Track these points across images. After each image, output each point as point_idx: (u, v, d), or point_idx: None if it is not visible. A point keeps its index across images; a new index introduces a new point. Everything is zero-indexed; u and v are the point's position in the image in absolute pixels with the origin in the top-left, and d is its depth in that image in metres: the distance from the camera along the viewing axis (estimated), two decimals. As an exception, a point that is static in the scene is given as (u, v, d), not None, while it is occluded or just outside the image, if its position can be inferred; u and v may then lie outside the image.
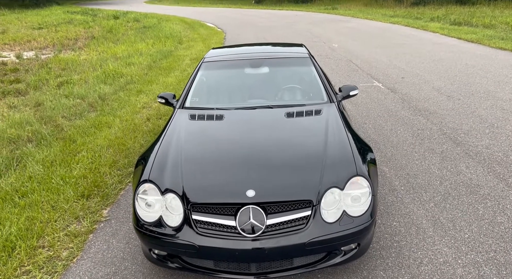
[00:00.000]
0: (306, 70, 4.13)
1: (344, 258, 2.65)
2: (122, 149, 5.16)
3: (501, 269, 2.81)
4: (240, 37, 15.56)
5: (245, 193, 2.55)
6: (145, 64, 10.75)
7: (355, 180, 2.67)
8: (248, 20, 23.33)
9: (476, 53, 10.50)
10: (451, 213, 3.50)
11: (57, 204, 3.92)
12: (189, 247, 2.52)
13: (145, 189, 2.74)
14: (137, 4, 44.82)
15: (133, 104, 7.19)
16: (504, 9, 19.70)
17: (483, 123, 5.52)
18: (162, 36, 16.00)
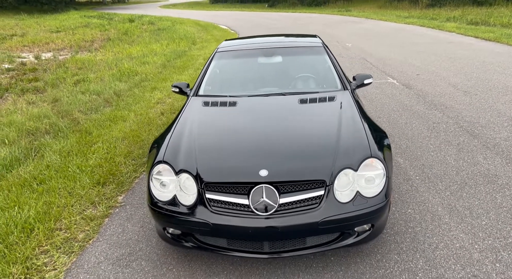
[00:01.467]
0: (319, 59, 4.12)
1: (357, 239, 2.63)
2: (136, 141, 5.22)
3: (520, 254, 2.75)
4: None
5: (258, 173, 2.55)
6: (159, 63, 10.87)
7: (369, 161, 2.65)
8: (261, 22, 23.42)
9: (494, 50, 10.34)
10: (467, 201, 3.44)
11: (74, 190, 3.98)
12: (203, 225, 2.53)
13: (159, 169, 2.77)
14: (152, 9, 45.40)
15: (148, 100, 7.27)
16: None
17: (501, 117, 5.43)
18: (176, 37, 16.18)
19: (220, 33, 18.32)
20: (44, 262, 2.98)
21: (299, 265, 2.80)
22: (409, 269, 2.68)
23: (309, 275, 2.70)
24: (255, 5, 42.21)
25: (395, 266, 2.72)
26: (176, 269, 2.86)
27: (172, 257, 2.98)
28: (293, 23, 22.01)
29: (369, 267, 2.73)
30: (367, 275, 2.66)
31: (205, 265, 2.88)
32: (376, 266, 2.74)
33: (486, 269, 2.63)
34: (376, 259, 2.81)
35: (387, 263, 2.76)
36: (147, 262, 2.95)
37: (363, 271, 2.70)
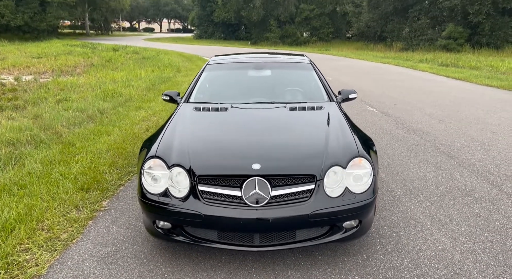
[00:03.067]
0: (307, 74, 4.31)
1: (345, 235, 2.69)
2: (121, 152, 5.20)
3: (498, 256, 2.86)
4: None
5: (251, 166, 2.63)
6: (144, 87, 10.97)
7: (357, 160, 2.77)
8: (245, 56, 24.01)
9: (465, 88, 10.94)
10: (447, 210, 3.57)
11: (56, 195, 3.91)
12: (195, 216, 2.55)
13: (151, 164, 2.80)
14: (136, 41, 45.97)
15: (132, 117, 7.29)
16: (488, 56, 20.65)
17: (474, 142, 5.71)
18: (161, 65, 16.40)
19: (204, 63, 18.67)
20: (25, 259, 2.89)
21: (288, 263, 2.82)
22: (394, 267, 2.75)
23: (298, 271, 2.72)
24: (239, 42, 43.45)
25: (381, 264, 2.78)
26: (164, 266, 2.82)
27: (159, 255, 2.95)
28: (274, 58, 22.69)
29: (356, 265, 2.78)
30: (354, 272, 2.70)
31: (192, 262, 2.86)
32: (363, 264, 2.79)
33: (467, 268, 2.72)
34: (362, 259, 2.86)
35: (373, 262, 2.82)
36: (133, 260, 2.90)
37: (350, 268, 2.74)
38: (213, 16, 49.10)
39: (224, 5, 43.56)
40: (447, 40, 24.22)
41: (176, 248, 3.04)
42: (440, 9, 25.76)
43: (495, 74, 13.31)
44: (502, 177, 4.35)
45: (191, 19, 61.42)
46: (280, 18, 37.28)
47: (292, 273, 2.72)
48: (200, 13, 53.79)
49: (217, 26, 51.25)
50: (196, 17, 55.66)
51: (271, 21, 37.74)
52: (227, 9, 43.95)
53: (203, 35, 53.40)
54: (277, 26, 37.99)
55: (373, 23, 29.77)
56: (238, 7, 41.14)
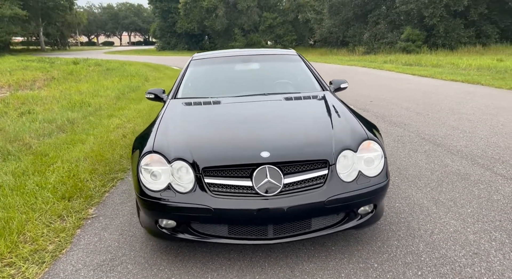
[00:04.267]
0: (296, 66, 4.22)
1: (361, 221, 2.58)
2: (100, 160, 4.89)
3: (511, 234, 2.83)
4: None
5: (260, 154, 2.47)
6: (113, 96, 10.56)
7: (366, 144, 2.67)
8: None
9: (432, 84, 11.27)
10: (448, 194, 3.55)
11: (35, 205, 3.58)
12: (203, 211, 2.36)
13: (149, 160, 2.59)
14: (97, 54, 44.76)
15: (106, 125, 6.94)
16: (445, 56, 21.53)
17: (455, 130, 5.81)
18: (127, 75, 15.94)
19: (173, 72, 18.36)
20: (10, 274, 2.59)
21: (301, 256, 2.67)
22: (411, 252, 2.65)
23: (313, 263, 2.58)
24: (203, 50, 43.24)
25: (397, 250, 2.68)
26: (169, 269, 2.60)
27: (162, 258, 2.72)
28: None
29: (372, 253, 2.66)
30: (372, 260, 2.58)
31: (200, 263, 2.65)
32: (379, 251, 2.68)
33: (484, 247, 2.67)
34: (377, 246, 2.75)
35: (389, 248, 2.71)
36: (133, 265, 2.65)
37: (367, 256, 2.63)
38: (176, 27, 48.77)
39: (187, 16, 43.35)
40: (406, 43, 25.11)
41: (179, 250, 2.82)
42: (397, 13, 26.74)
43: (457, 71, 13.84)
44: (491, 160, 4.40)
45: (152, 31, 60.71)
46: (244, 27, 37.51)
47: (307, 265, 2.57)
48: (162, 24, 53.31)
49: (180, 37, 50.92)
50: (158, 28, 55.10)
51: (235, 30, 37.88)
52: (190, 20, 43.76)
53: (166, 47, 52.86)
54: (241, 35, 38.18)
55: (335, 29, 30.50)
56: (201, 17, 41.04)
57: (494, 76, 11.54)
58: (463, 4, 23.59)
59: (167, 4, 51.25)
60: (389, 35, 26.83)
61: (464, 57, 18.00)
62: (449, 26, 24.76)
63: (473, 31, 25.34)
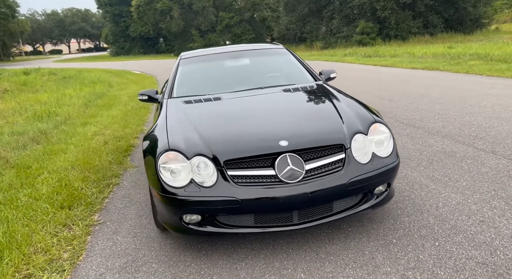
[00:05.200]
0: (285, 59, 4.31)
1: (377, 201, 2.71)
2: (89, 167, 4.76)
3: (507, 200, 3.07)
4: (171, 79, 15.61)
5: (278, 143, 2.54)
6: (80, 104, 10.22)
7: (374, 126, 2.81)
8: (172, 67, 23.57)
9: (395, 72, 11.78)
10: (441, 171, 3.77)
11: (35, 217, 3.45)
12: (231, 203, 2.40)
13: (166, 158, 2.58)
14: (46, 64, 42.67)
15: (83, 134, 6.73)
16: (398, 46, 22.47)
17: (430, 113, 6.14)
18: (88, 82, 15.44)
19: (136, 77, 17.99)
20: (32, 285, 2.50)
21: (322, 239, 2.77)
22: (424, 225, 2.82)
23: (335, 245, 2.68)
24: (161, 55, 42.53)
25: (410, 225, 2.84)
26: (195, 264, 2.62)
27: (184, 255, 2.74)
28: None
29: (388, 230, 2.80)
30: (390, 236, 2.72)
31: (225, 255, 2.69)
32: (394, 228, 2.83)
33: (488, 215, 2.88)
34: (390, 223, 2.90)
35: (402, 224, 2.87)
36: (158, 264, 2.65)
37: (384, 234, 2.76)
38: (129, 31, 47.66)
39: (140, 19, 42.45)
40: (361, 36, 25.97)
41: (199, 245, 2.84)
42: (350, 8, 27.58)
43: (414, 59, 14.51)
44: (470, 137, 4.71)
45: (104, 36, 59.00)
46: (201, 27, 37.26)
47: (330, 247, 2.67)
48: (114, 29, 51.90)
49: (134, 41, 49.81)
50: (110, 33, 53.60)
51: (192, 31, 37.57)
52: (144, 23, 42.90)
53: (120, 52, 51.51)
54: (199, 35, 37.91)
55: (292, 25, 31.01)
56: (155, 19, 40.32)
57: (449, 62, 12.23)
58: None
59: (118, 8, 49.97)
60: (344, 29, 27.63)
61: (418, 46, 18.89)
62: (400, 18, 25.85)
63: (421, 22, 26.59)
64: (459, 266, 2.33)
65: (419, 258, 2.44)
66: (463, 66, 11.09)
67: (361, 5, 26.18)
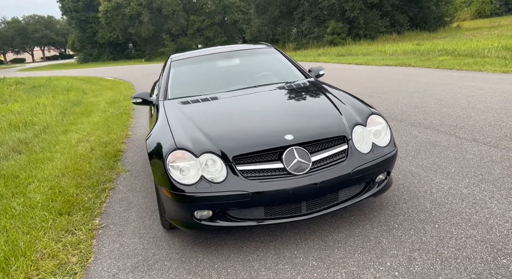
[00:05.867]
0: (275, 58, 4.42)
1: (379, 188, 2.85)
2: (80, 173, 4.71)
3: (495, 183, 3.28)
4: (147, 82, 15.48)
5: (284, 137, 2.64)
6: (57, 112, 9.99)
7: (372, 118, 2.95)
8: (146, 71, 23.36)
9: (370, 70, 12.13)
10: (429, 160, 3.97)
11: (35, 225, 3.41)
12: (242, 197, 2.48)
13: (174, 157, 2.64)
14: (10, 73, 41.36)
15: (66, 141, 6.62)
16: (368, 45, 23.06)
17: (409, 106, 6.39)
18: (60, 90, 15.07)
19: (109, 83, 17.70)
20: (45, 290, 2.49)
21: (327, 229, 2.88)
22: (422, 210, 2.98)
23: (341, 233, 2.80)
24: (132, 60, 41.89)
25: (409, 210, 2.99)
26: (207, 259, 2.68)
27: (195, 251, 2.79)
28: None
29: (388, 216, 2.95)
30: (391, 222, 2.86)
31: (235, 248, 2.76)
32: (394, 214, 2.97)
33: (479, 197, 3.07)
34: (390, 210, 3.04)
35: (401, 210, 3.02)
36: (170, 262, 2.69)
37: (385, 220, 2.90)
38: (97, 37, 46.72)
39: (109, 25, 41.71)
40: (332, 36, 26.51)
41: (208, 241, 2.90)
42: (320, 9, 28.10)
43: (386, 56, 14.98)
44: (451, 127, 4.96)
45: (70, 43, 57.52)
46: (172, 31, 36.97)
47: (337, 235, 2.78)
48: (81, 35, 50.74)
49: (103, 47, 48.86)
50: (77, 40, 52.36)
51: (163, 35, 37.22)
52: (112, 28, 42.18)
53: (88, 59, 50.38)
54: (170, 40, 37.60)
55: (264, 27, 31.30)
56: (124, 25, 39.70)
57: (420, 58, 12.70)
58: (378, -4, 25.45)
59: (85, 14, 48.91)
60: (315, 30, 28.13)
61: (388, 45, 19.44)
62: (368, 17, 26.56)
63: (388, 21, 27.41)
64: (460, 244, 2.48)
65: (422, 240, 2.59)
66: (434, 61, 11.55)
67: (331, 6, 26.73)
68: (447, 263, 2.32)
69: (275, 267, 2.52)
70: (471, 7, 42.22)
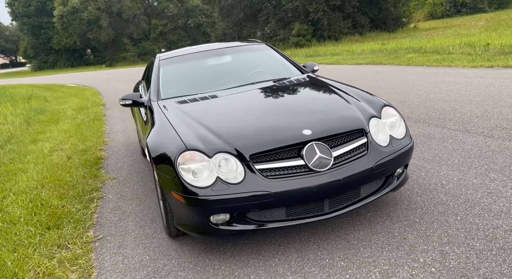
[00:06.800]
0: (268, 54, 4.26)
1: (398, 182, 2.76)
2: (61, 184, 4.34)
3: (503, 171, 3.28)
4: (114, 87, 14.92)
5: (302, 133, 2.49)
6: (21, 121, 9.34)
7: (385, 110, 2.87)
8: (109, 77, 22.62)
9: (342, 69, 12.26)
10: (430, 152, 3.94)
11: (21, 241, 3.07)
12: (263, 197, 2.31)
13: (186, 158, 2.43)
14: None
15: (37, 151, 6.15)
16: (333, 46, 23.42)
17: (392, 102, 6.36)
18: (19, 99, 14.20)
19: (72, 90, 16.93)
20: (48, 315, 2.20)
21: (347, 227, 2.75)
22: (439, 202, 2.91)
23: (362, 231, 2.68)
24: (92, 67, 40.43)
25: (426, 204, 2.92)
26: (225, 266, 2.48)
27: (209, 258, 2.59)
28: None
29: (406, 211, 2.86)
30: (411, 217, 2.78)
31: (253, 253, 2.58)
32: (411, 208, 2.89)
33: (492, 186, 3.04)
34: (405, 204, 2.96)
35: (417, 204, 2.94)
36: (185, 272, 2.48)
37: (404, 215, 2.81)
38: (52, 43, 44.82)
39: (65, 30, 40.08)
40: (297, 38, 26.75)
41: (221, 247, 2.71)
42: (284, 11, 28.30)
43: (355, 56, 15.23)
44: (440, 120, 5.00)
45: (22, 50, 54.87)
46: (134, 36, 36.03)
47: (358, 233, 2.66)
48: (34, 42, 48.48)
49: (59, 54, 46.91)
50: (29, 47, 49.96)
51: (124, 40, 36.18)
52: (69, 34, 40.59)
53: (43, 66, 48.19)
54: (132, 44, 36.62)
55: (229, 30, 31.12)
56: (82, 30, 38.29)
57: (389, 56, 12.98)
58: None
59: (37, 19, 46.75)
60: (281, 32, 28.30)
61: (354, 45, 19.83)
62: (331, 19, 27.03)
63: (350, 22, 28.03)
64: (490, 236, 2.42)
65: (448, 233, 2.51)
66: (403, 59, 11.83)
67: (295, 8, 26.97)
68: (483, 256, 2.24)
69: (301, 270, 2.36)
70: (423, 9, 44.17)
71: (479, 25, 23.22)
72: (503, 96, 5.82)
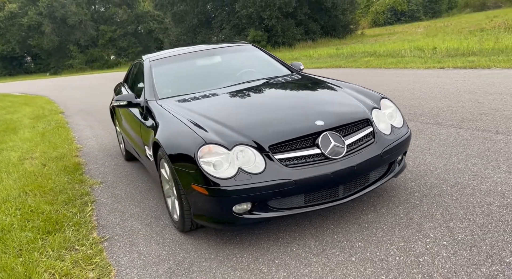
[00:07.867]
0: (256, 54, 4.39)
1: (400, 167, 2.98)
2: (46, 190, 4.18)
3: (482, 155, 3.61)
4: (67, 95, 14.34)
5: (315, 123, 2.64)
6: (-26, 131, 8.76)
7: (383, 102, 3.09)
8: (57, 85, 21.68)
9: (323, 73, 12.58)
10: (416, 144, 4.22)
11: (24, 247, 2.96)
12: (285, 185, 2.42)
13: (206, 152, 2.49)
14: None
15: (4, 160, 5.83)
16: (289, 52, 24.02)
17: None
18: (-36, 109, 13.26)
19: (21, 99, 16.03)
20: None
21: (354, 213, 2.92)
22: (432, 186, 3.17)
23: (369, 215, 2.87)
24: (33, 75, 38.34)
25: (421, 188, 3.17)
26: (247, 254, 2.57)
27: (229, 248, 2.66)
28: (92, 80, 21.13)
29: (405, 195, 3.09)
30: (411, 199, 3.00)
31: (272, 241, 2.69)
32: (409, 192, 3.13)
33: (476, 169, 3.35)
34: (402, 189, 3.19)
35: (414, 188, 3.18)
36: (208, 262, 2.53)
37: (406, 198, 3.04)
38: (-14, 51, 41.86)
39: (2, 36, 37.69)
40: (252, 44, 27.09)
41: (238, 238, 2.78)
42: (239, 18, 28.62)
43: (313, 60, 15.76)
44: (411, 115, 5.37)
45: (-46, 58, 50.79)
46: (81, 42, 34.66)
47: (366, 217, 2.84)
48: (-35, 49, 45.06)
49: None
50: (-38, 55, 46.37)
51: (70, 46, 34.69)
52: (7, 40, 38.22)
53: (-22, 75, 44.86)
54: (79, 51, 35.19)
55: (183, 36, 30.89)
56: (21, 36, 36.24)
57: (347, 60, 13.59)
58: (291, 6, 26.73)
59: (-29, 26, 43.66)
60: (236, 38, 28.55)
61: (310, 50, 20.47)
62: (285, 26, 27.74)
63: (303, 29, 28.93)
64: (486, 211, 2.69)
65: (449, 211, 2.76)
66: (361, 62, 12.43)
67: (249, 15, 27.37)
68: (486, 228, 2.49)
69: (322, 252, 2.49)
70: (367, 17, 46.65)
71: (419, 32, 24.90)
72: (461, 93, 6.35)
